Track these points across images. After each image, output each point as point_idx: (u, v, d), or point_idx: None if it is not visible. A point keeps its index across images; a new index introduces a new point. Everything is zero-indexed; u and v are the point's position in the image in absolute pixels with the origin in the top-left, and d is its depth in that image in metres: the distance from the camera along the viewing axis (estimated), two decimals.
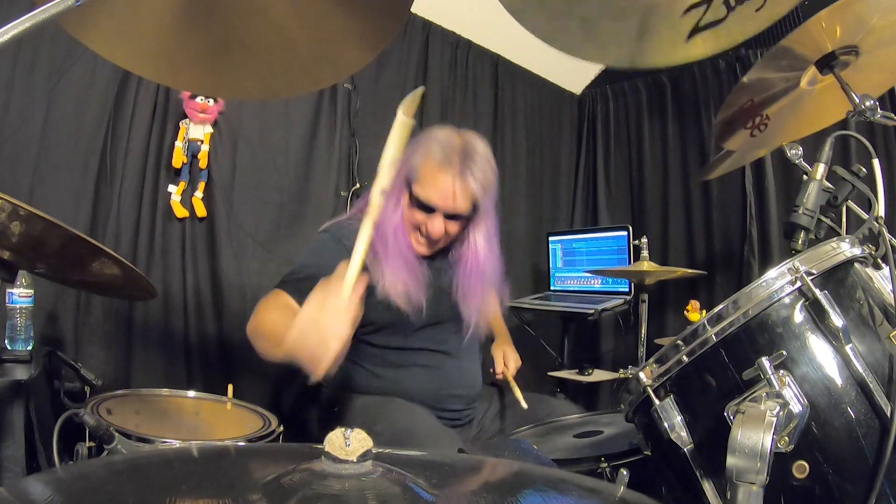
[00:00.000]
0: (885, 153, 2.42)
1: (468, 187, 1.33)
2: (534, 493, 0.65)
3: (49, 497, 0.52)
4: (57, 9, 0.56)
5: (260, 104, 2.23)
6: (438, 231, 1.36)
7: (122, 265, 1.22)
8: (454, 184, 1.32)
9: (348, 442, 0.56)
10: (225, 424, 1.46)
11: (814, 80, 1.21)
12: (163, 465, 0.66)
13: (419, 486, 0.56)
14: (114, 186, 1.94)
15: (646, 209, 3.22)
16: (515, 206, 3.15)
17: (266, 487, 0.54)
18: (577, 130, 3.62)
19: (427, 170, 1.34)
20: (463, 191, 1.33)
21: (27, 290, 1.31)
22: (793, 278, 0.80)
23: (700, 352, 0.82)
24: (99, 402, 1.36)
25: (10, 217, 1.02)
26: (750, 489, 0.65)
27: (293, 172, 2.34)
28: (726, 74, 2.90)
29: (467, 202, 1.35)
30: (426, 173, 1.34)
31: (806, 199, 0.97)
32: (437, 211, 1.35)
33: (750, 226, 2.78)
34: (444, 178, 1.32)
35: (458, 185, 1.32)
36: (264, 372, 2.12)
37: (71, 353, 1.79)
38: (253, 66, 0.85)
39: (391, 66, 2.65)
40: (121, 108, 1.95)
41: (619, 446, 1.25)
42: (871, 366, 0.76)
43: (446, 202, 1.33)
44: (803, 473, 0.73)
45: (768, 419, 0.67)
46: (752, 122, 1.32)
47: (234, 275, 2.16)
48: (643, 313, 2.16)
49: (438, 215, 1.35)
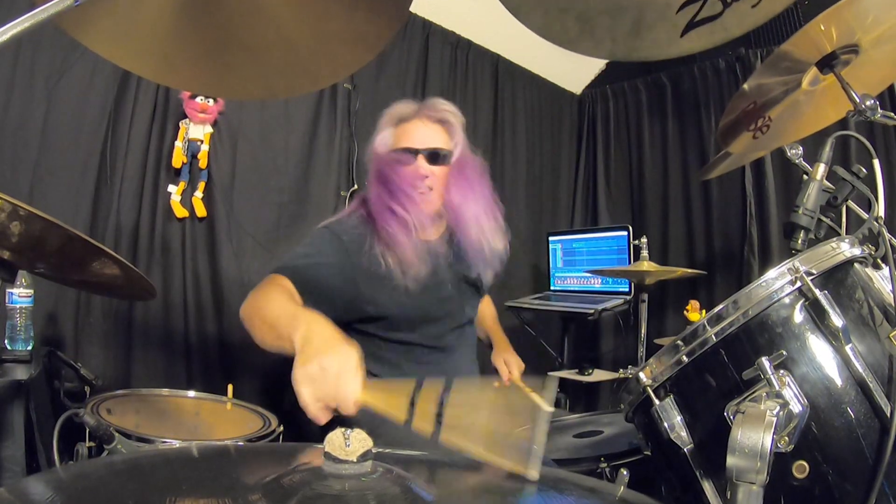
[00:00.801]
0: (885, 153, 2.42)
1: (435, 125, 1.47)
2: (534, 494, 0.65)
3: (49, 497, 0.52)
4: (57, 9, 0.56)
5: (260, 104, 2.23)
6: (425, 169, 1.44)
7: (122, 265, 1.22)
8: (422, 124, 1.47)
9: (348, 442, 0.56)
10: (225, 424, 1.46)
11: (815, 81, 1.21)
12: (163, 465, 0.66)
13: (419, 486, 0.56)
14: (114, 186, 1.94)
15: (646, 209, 3.22)
16: (515, 206, 3.15)
17: (266, 487, 0.54)
18: (577, 130, 3.62)
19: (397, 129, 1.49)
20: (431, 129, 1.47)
21: (27, 290, 1.31)
22: (793, 278, 0.80)
23: (700, 352, 0.82)
24: (99, 402, 1.36)
25: (10, 217, 1.01)
26: (750, 489, 0.65)
27: (293, 172, 2.34)
28: (726, 74, 2.90)
29: (438, 138, 1.47)
30: (397, 132, 1.49)
31: (806, 200, 0.97)
32: (418, 153, 1.45)
33: (750, 226, 2.78)
34: (411, 125, 1.48)
35: (426, 124, 1.47)
36: (264, 372, 2.12)
37: (71, 353, 1.79)
38: (253, 65, 0.85)
39: (391, 66, 2.66)
40: (121, 108, 1.95)
41: (619, 446, 1.25)
42: (871, 366, 0.76)
43: (421, 141, 1.45)
44: (803, 473, 0.73)
45: (768, 419, 0.67)
46: (754, 124, 1.32)
47: (234, 275, 2.16)
48: (643, 313, 2.16)
49: (420, 158, 1.45)
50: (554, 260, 3.15)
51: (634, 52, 0.95)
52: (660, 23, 0.91)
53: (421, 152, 1.44)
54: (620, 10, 0.91)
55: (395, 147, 1.46)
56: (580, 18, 0.92)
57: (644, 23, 0.92)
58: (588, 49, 0.97)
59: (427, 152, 1.44)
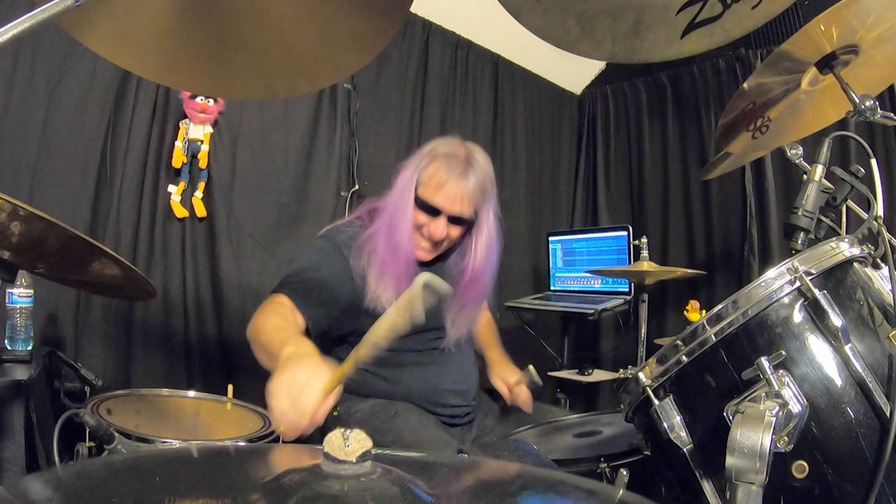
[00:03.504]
0: (885, 153, 2.42)
1: (470, 192, 1.40)
2: (533, 494, 0.65)
3: (49, 497, 0.52)
4: (57, 9, 0.56)
5: (260, 104, 2.23)
6: (441, 233, 1.40)
7: (122, 265, 1.22)
8: (458, 188, 1.38)
9: (347, 443, 0.56)
10: (225, 424, 1.46)
11: (815, 81, 1.21)
12: (163, 465, 0.66)
13: (418, 487, 0.56)
14: (114, 186, 1.94)
15: (646, 209, 3.22)
16: (515, 206, 3.15)
17: (266, 487, 0.54)
18: (577, 130, 3.62)
19: (433, 174, 1.40)
20: (466, 195, 1.39)
21: (27, 290, 1.31)
22: (792, 278, 0.80)
23: (699, 352, 0.82)
24: (99, 402, 1.36)
25: (10, 217, 1.02)
26: (749, 489, 0.65)
27: (293, 172, 2.34)
28: (726, 74, 2.90)
29: (469, 206, 1.41)
30: (432, 178, 1.40)
31: (805, 201, 0.97)
32: (441, 214, 1.40)
33: (750, 226, 2.78)
34: (449, 183, 1.38)
35: (462, 189, 1.39)
36: (264, 372, 2.10)
37: (71, 353, 1.79)
38: (253, 66, 0.85)
39: (391, 66, 2.66)
40: (121, 108, 1.95)
41: (618, 446, 1.25)
42: (871, 366, 0.76)
43: (451, 205, 1.39)
44: (803, 473, 0.73)
45: (767, 419, 0.67)
46: (753, 124, 1.32)
47: (234, 275, 2.16)
48: (643, 313, 2.16)
49: (442, 218, 1.40)
50: (554, 260, 3.15)
51: (634, 54, 0.96)
52: (660, 24, 0.91)
53: (446, 215, 1.40)
54: (620, 12, 0.91)
55: (423, 196, 1.40)
56: (580, 20, 0.92)
57: (644, 24, 0.92)
58: (588, 50, 0.97)
59: (452, 216, 1.41)
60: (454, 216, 1.40)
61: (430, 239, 1.42)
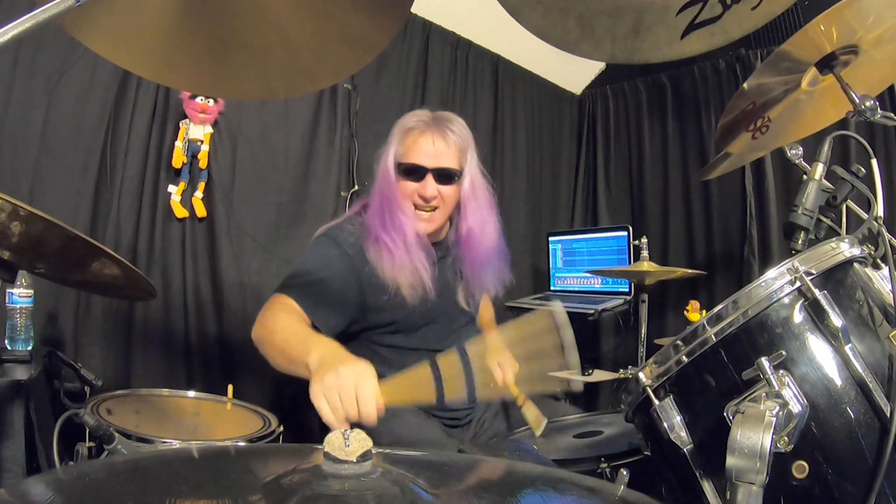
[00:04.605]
0: (885, 153, 2.42)
1: (446, 143, 1.41)
2: (533, 494, 0.65)
3: (49, 498, 0.52)
4: (57, 9, 0.56)
5: (260, 104, 2.23)
6: (431, 191, 1.40)
7: (122, 265, 1.22)
8: (433, 140, 1.41)
9: (348, 442, 0.56)
10: (225, 424, 1.46)
11: (815, 81, 1.21)
12: (163, 465, 0.66)
13: (419, 486, 0.56)
14: (114, 186, 1.94)
15: (646, 209, 3.22)
16: (515, 206, 3.15)
17: (266, 487, 0.54)
18: (577, 130, 3.61)
19: (408, 139, 1.42)
20: (443, 147, 1.41)
21: (27, 290, 1.31)
22: (792, 278, 0.80)
23: (700, 352, 0.82)
24: (99, 402, 1.36)
25: (10, 217, 1.02)
26: (749, 489, 0.65)
27: (293, 172, 2.34)
28: (726, 75, 2.89)
29: (450, 158, 1.42)
30: (407, 143, 1.42)
31: (805, 200, 0.97)
32: (427, 172, 1.40)
33: (750, 226, 2.78)
34: (423, 138, 1.41)
35: (437, 141, 1.41)
36: (264, 372, 2.11)
37: (71, 353, 1.79)
38: (253, 66, 0.85)
39: (391, 67, 2.65)
40: (121, 108, 1.95)
41: (619, 446, 1.25)
42: (871, 366, 0.76)
43: (431, 159, 1.40)
44: (803, 473, 0.73)
45: (768, 419, 0.67)
46: (753, 124, 1.32)
47: (234, 275, 2.16)
48: (643, 313, 2.16)
49: (429, 177, 1.40)
50: (554, 260, 3.15)
51: (634, 55, 0.96)
52: (659, 25, 0.91)
53: (430, 171, 1.40)
54: (620, 13, 0.91)
55: (404, 161, 1.42)
56: (580, 20, 0.92)
57: (644, 25, 0.92)
58: (588, 51, 0.97)
59: (437, 171, 1.40)
60: (439, 170, 1.40)
61: (424, 200, 1.40)
